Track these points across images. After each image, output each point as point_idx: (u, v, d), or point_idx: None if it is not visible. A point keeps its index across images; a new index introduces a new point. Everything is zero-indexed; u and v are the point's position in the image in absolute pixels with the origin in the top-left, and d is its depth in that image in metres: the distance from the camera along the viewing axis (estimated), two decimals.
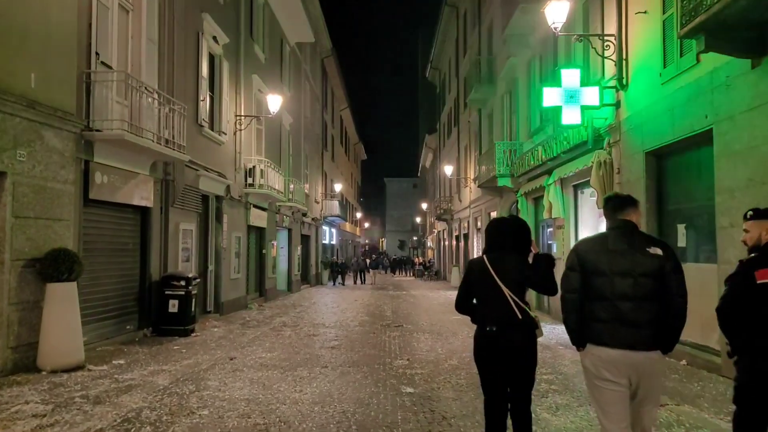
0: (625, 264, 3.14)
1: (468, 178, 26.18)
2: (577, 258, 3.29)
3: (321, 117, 31.90)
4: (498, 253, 3.69)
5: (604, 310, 3.15)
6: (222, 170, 14.26)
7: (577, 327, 3.27)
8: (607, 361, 3.12)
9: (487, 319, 3.65)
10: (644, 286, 3.11)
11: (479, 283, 3.71)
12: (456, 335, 10.95)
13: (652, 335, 3.11)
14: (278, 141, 20.80)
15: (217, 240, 14.17)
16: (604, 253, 3.21)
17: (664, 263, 3.13)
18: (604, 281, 3.17)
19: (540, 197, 14.76)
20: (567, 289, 3.30)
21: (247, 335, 10.81)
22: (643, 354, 3.10)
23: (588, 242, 3.42)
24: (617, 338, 3.10)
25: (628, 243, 3.19)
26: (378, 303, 18.79)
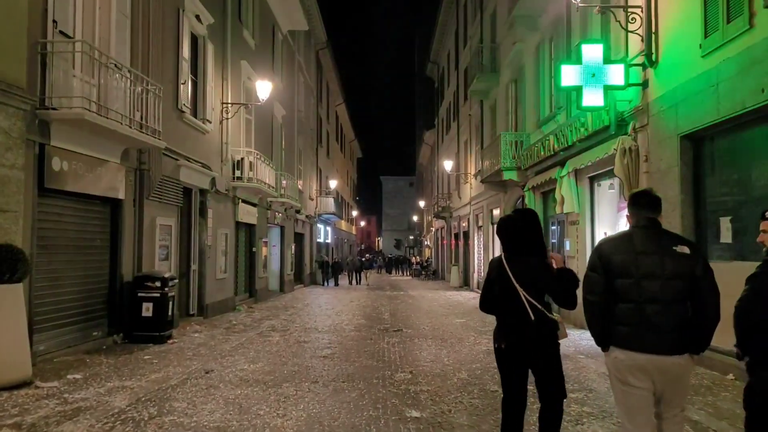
0: (653, 266, 3.02)
1: (468, 173, 25.13)
2: (600, 259, 3.15)
3: (316, 111, 30.80)
4: (515, 254, 3.57)
5: (629, 313, 3.04)
6: (206, 161, 13.16)
7: (601, 329, 3.16)
8: (632, 365, 3.02)
9: (503, 319, 3.63)
10: (673, 288, 3.00)
11: (495, 283, 3.63)
12: (462, 342, 9.89)
13: (680, 339, 3.00)
14: (269, 133, 19.71)
15: (201, 237, 13.07)
16: (631, 254, 3.07)
17: (693, 263, 3.02)
18: (630, 283, 3.04)
19: (550, 191, 13.71)
20: (590, 291, 3.18)
21: (231, 342, 9.72)
22: (671, 359, 2.99)
23: (612, 242, 3.24)
24: (644, 342, 2.99)
25: (656, 243, 3.07)
26: (375, 304, 17.72)
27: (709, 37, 7.06)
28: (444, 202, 32.78)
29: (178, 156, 11.43)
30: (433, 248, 44.21)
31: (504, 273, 3.51)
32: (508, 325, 3.56)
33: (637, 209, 3.21)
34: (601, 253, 3.16)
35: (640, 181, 8.70)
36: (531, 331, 3.45)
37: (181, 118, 11.69)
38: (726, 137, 7.14)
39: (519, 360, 3.54)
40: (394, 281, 34.08)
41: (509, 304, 3.51)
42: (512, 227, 3.64)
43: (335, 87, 38.57)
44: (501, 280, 3.54)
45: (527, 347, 3.49)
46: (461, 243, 28.03)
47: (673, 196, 7.77)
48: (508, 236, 3.64)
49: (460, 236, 28.29)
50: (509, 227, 3.66)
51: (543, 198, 14.40)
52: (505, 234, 3.66)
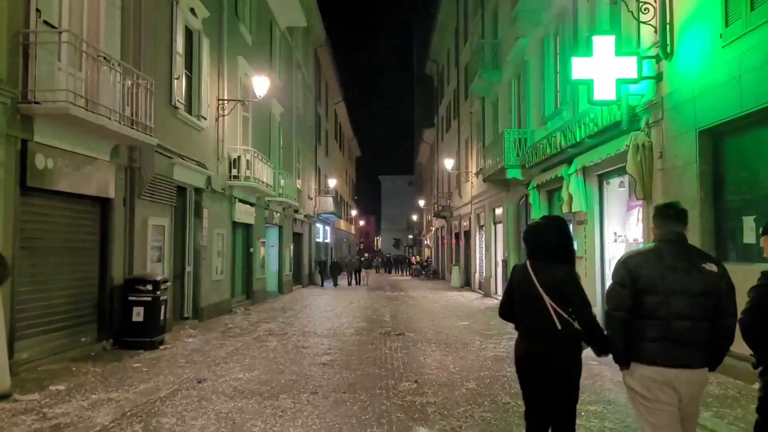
0: (682, 282, 2.95)
1: (469, 172, 24.75)
2: (629, 273, 3.02)
3: (314, 109, 30.39)
4: (541, 260, 3.39)
5: (656, 329, 2.96)
6: (202, 159, 12.75)
7: (624, 346, 3.06)
8: (661, 381, 2.95)
9: (526, 328, 3.45)
10: (701, 305, 2.95)
11: (519, 290, 3.44)
12: (467, 347, 9.49)
13: (705, 354, 3.00)
14: (267, 131, 19.29)
15: (196, 237, 12.66)
16: (660, 270, 2.98)
17: (718, 281, 2.98)
18: (658, 299, 2.96)
19: (556, 189, 13.33)
20: (616, 306, 3.07)
21: (226, 347, 9.32)
22: (698, 372, 2.99)
23: (640, 256, 3.11)
24: (672, 358, 2.94)
25: (685, 260, 3.00)
26: (375, 306, 17.32)
27: (731, 26, 6.67)
28: (444, 201, 32.40)
29: (172, 154, 11.02)
30: (432, 248, 43.85)
31: (529, 279, 3.35)
32: (532, 333, 3.38)
33: (664, 222, 3.12)
34: (630, 267, 3.05)
35: (654, 179, 8.31)
36: (556, 340, 3.27)
37: (175, 114, 11.28)
38: (750, 132, 6.75)
39: (541, 369, 3.32)
40: (394, 281, 33.70)
41: (533, 312, 3.34)
42: (540, 233, 3.50)
43: (334, 85, 38.18)
44: (525, 286, 3.39)
45: (551, 356, 3.28)
46: (462, 242, 27.65)
47: (691, 194, 7.38)
48: (535, 242, 3.49)
49: (461, 236, 27.91)
50: (537, 233, 3.52)
51: (548, 197, 14.01)
52: (533, 240, 3.51)
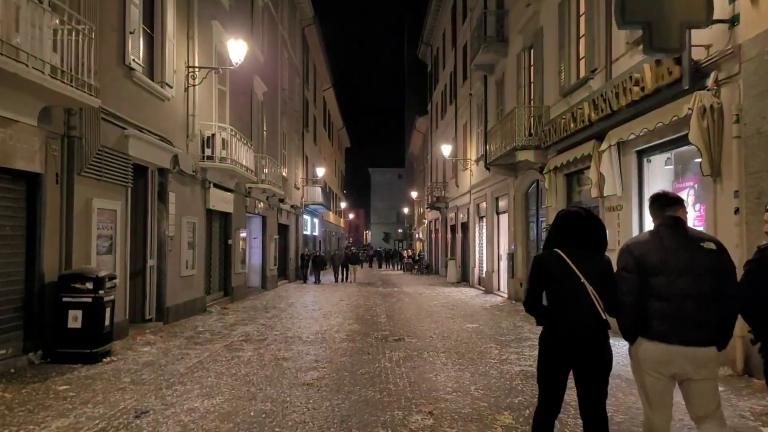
0: (684, 262, 3.07)
1: (468, 159, 23.02)
2: (633, 259, 3.16)
3: (302, 93, 28.49)
4: (577, 249, 3.26)
5: (663, 309, 3.07)
6: (167, 135, 10.88)
7: (633, 327, 3.19)
8: (667, 357, 3.07)
9: (566, 319, 3.21)
10: (705, 284, 3.05)
11: (557, 280, 3.24)
12: (484, 358, 7.77)
13: (711, 331, 3.06)
14: (248, 111, 17.41)
15: (160, 226, 10.81)
16: (661, 252, 3.10)
17: (719, 258, 3.09)
18: (663, 281, 3.07)
19: (578, 172, 11.64)
20: (625, 291, 3.17)
21: (188, 359, 7.52)
22: (704, 349, 3.05)
23: (641, 241, 3.25)
24: (679, 336, 3.04)
25: (684, 240, 3.13)
26: (368, 304, 15.57)
27: None
28: (439, 192, 30.66)
29: (126, 124, 9.16)
30: (425, 241, 42.16)
31: (568, 268, 3.21)
32: (575, 323, 3.19)
33: (660, 209, 3.26)
34: (633, 252, 3.17)
35: (726, 150, 6.62)
36: (600, 328, 3.20)
37: (130, 76, 9.39)
38: None
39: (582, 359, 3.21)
40: (385, 276, 31.95)
41: (575, 302, 3.21)
42: (578, 221, 3.35)
43: (323, 70, 36.27)
44: (564, 276, 3.22)
45: (597, 345, 3.20)
46: (459, 235, 25.96)
47: None
48: (572, 230, 3.33)
49: (457, 228, 26.22)
50: (575, 221, 3.35)
51: (566, 181, 12.31)
52: (570, 228, 3.34)
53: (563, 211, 3.49)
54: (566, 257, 3.23)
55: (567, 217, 3.41)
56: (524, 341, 9.08)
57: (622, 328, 3.24)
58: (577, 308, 3.20)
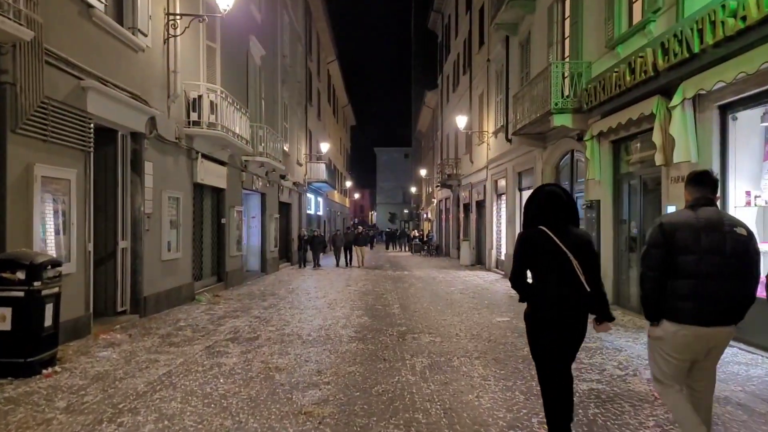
0: (715, 243, 3.10)
1: (485, 132, 21.16)
2: (663, 235, 3.18)
3: (304, 63, 26.56)
4: (559, 226, 3.37)
5: (690, 288, 3.11)
6: (141, 92, 9.12)
7: (656, 304, 3.22)
8: (692, 341, 3.14)
9: (553, 295, 3.34)
10: (732, 266, 3.08)
11: (544, 257, 3.35)
12: (531, 366, 6.07)
13: (734, 312, 3.14)
14: (244, 74, 15.59)
15: (134, 201, 9.11)
16: (695, 231, 3.13)
17: (747, 244, 3.14)
18: (693, 260, 3.10)
19: (629, 137, 9.84)
20: (650, 266, 3.22)
21: (153, 370, 5.86)
22: (726, 329, 3.15)
23: (676, 218, 3.27)
24: (703, 316, 3.08)
25: (718, 222, 3.16)
26: (377, 290, 13.90)
27: None
28: (451, 169, 28.79)
29: (84, 74, 7.41)
30: (435, 221, 40.39)
31: (555, 245, 3.30)
32: (563, 299, 3.31)
33: (699, 188, 3.28)
34: (666, 229, 3.19)
35: None
36: (585, 302, 3.35)
37: (89, 16, 7.60)
38: None
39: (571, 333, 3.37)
40: (393, 258, 30.27)
41: (562, 278, 3.32)
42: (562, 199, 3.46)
43: (326, 41, 34.20)
44: (551, 252, 3.30)
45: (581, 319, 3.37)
46: (473, 215, 24.19)
47: None
48: (553, 208, 3.41)
49: (471, 207, 24.44)
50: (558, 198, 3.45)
51: (613, 149, 10.50)
52: (551, 206, 3.42)
53: (541, 190, 3.55)
54: (552, 234, 3.32)
55: (548, 195, 3.49)
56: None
57: (644, 302, 3.29)
58: (564, 283, 3.32)
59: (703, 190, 3.27)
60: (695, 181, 3.32)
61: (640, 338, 7.51)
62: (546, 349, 3.41)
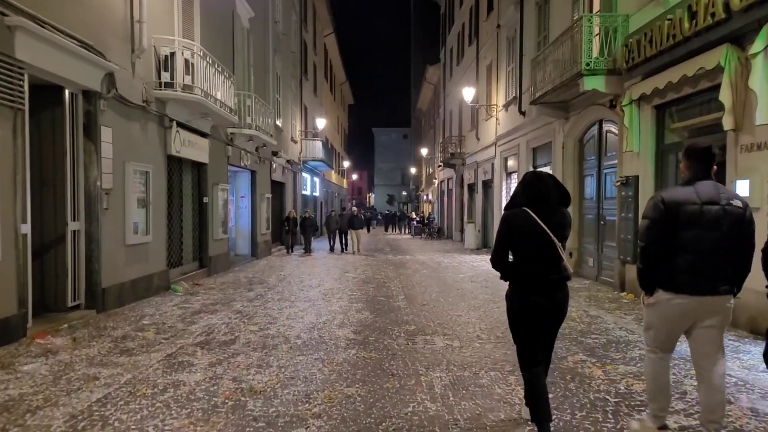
0: (714, 217, 3.16)
1: (494, 105, 19.58)
2: (666, 210, 3.22)
3: (299, 33, 24.83)
4: (544, 207, 3.38)
5: (690, 261, 3.18)
6: (95, 42, 7.54)
7: (652, 277, 3.32)
8: (688, 309, 3.23)
9: (537, 276, 3.38)
10: (729, 239, 3.17)
11: (527, 238, 3.36)
12: (586, 383, 4.62)
13: (730, 282, 3.23)
14: (229, 36, 13.95)
15: (88, 174, 7.58)
16: (696, 206, 3.18)
17: (742, 216, 3.20)
18: (694, 234, 3.17)
19: (680, 100, 8.30)
20: (651, 240, 3.28)
21: (86, 394, 4.39)
22: (722, 298, 3.22)
23: (677, 194, 3.28)
24: (701, 286, 3.17)
25: (717, 197, 3.20)
26: (378, 277, 12.46)
27: None
28: (454, 147, 27.20)
29: (11, 9, 5.83)
30: (436, 203, 38.87)
31: (537, 226, 3.32)
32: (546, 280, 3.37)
33: (697, 162, 3.30)
34: (668, 204, 3.22)
35: None
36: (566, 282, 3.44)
37: None
38: None
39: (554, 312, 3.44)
40: (393, 241, 28.81)
41: (545, 259, 3.35)
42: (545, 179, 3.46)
43: (323, 13, 32.33)
44: (535, 233, 3.32)
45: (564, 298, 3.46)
46: (478, 195, 22.69)
47: None
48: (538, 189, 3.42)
49: (477, 187, 22.93)
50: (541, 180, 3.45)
51: (656, 115, 8.98)
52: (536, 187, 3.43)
53: (530, 172, 3.57)
54: (534, 215, 3.33)
55: (532, 176, 3.51)
56: (626, 347, 5.94)
57: (641, 275, 3.36)
58: (545, 263, 3.36)
59: (704, 164, 3.29)
60: (696, 157, 3.33)
61: None
62: (527, 329, 3.48)
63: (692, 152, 3.34)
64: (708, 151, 3.30)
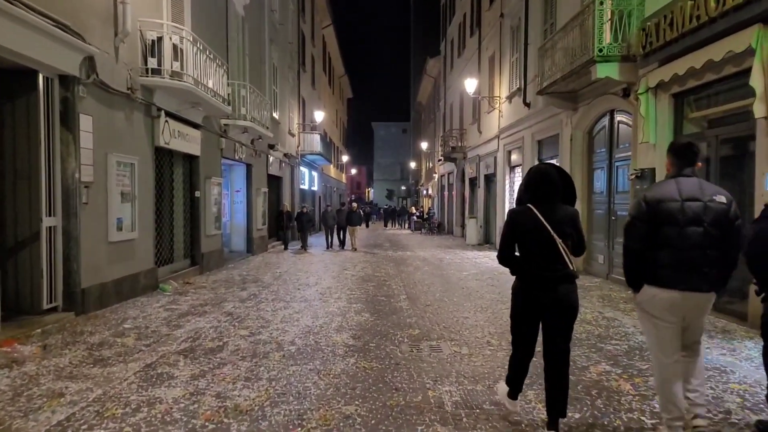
0: (696, 213, 3.18)
1: (497, 98, 18.99)
2: (647, 208, 3.24)
3: (297, 23, 24.20)
4: (548, 204, 3.40)
5: (671, 257, 3.19)
6: (73, 22, 6.96)
7: (637, 273, 3.33)
8: (673, 303, 3.22)
9: (540, 272, 3.38)
10: (712, 236, 3.17)
11: (529, 235, 3.38)
12: (614, 401, 4.09)
13: (713, 278, 3.21)
14: (222, 23, 13.35)
15: (65, 166, 7.02)
16: (677, 203, 3.20)
17: (726, 212, 3.20)
18: (675, 230, 3.19)
19: (701, 87, 7.73)
20: (634, 238, 3.29)
21: (45, 416, 3.85)
22: (706, 295, 3.23)
23: (658, 191, 3.29)
24: (684, 282, 3.18)
25: (700, 192, 3.21)
26: (378, 275, 11.92)
27: None
28: (455, 141, 26.62)
29: None
30: (436, 198, 38.31)
31: (540, 223, 3.33)
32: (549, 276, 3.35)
33: (680, 160, 3.32)
34: (649, 202, 3.24)
35: None
36: (570, 278, 3.38)
37: None
38: None
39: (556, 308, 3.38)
40: (393, 236, 28.25)
41: (547, 255, 3.35)
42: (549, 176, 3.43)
43: (322, 4, 31.71)
44: (537, 230, 3.34)
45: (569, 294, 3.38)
46: (480, 190, 22.14)
47: None
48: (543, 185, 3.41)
49: (479, 182, 22.37)
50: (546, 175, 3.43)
51: (674, 104, 8.42)
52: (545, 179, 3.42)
53: (534, 167, 3.54)
54: (538, 212, 3.35)
55: (536, 173, 3.48)
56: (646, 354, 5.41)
57: (627, 274, 3.39)
58: (547, 259, 3.35)
59: (686, 160, 3.31)
60: (679, 153, 3.35)
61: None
62: (521, 324, 3.52)
63: (676, 149, 3.38)
64: (690, 147, 3.33)
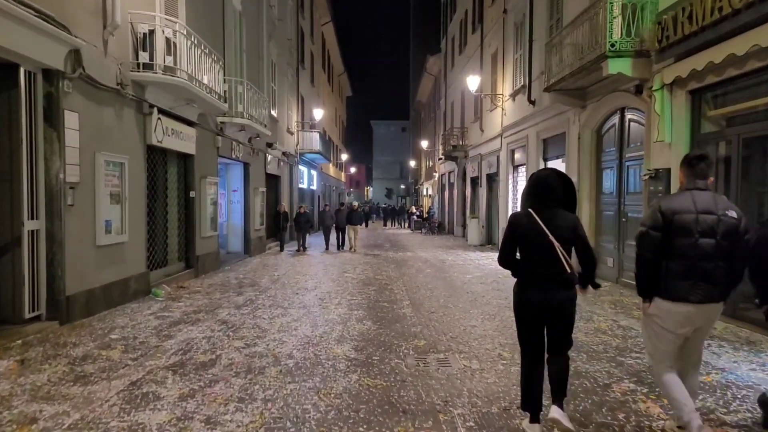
0: (710, 226, 3.23)
1: (500, 95, 18.59)
2: (663, 218, 3.28)
3: (296, 19, 23.78)
4: (548, 209, 3.47)
5: (685, 268, 3.25)
6: (57, 12, 6.54)
7: (649, 283, 3.37)
8: (687, 317, 3.28)
9: (538, 276, 3.47)
10: (723, 248, 3.23)
11: (528, 239, 3.47)
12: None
13: (722, 289, 3.28)
14: (219, 18, 12.94)
15: (49, 165, 6.61)
16: (692, 215, 3.25)
17: (738, 225, 3.26)
18: (689, 241, 3.24)
19: (720, 83, 7.33)
20: (648, 248, 3.32)
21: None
22: (716, 305, 3.30)
23: (674, 202, 3.34)
24: (696, 294, 3.23)
25: (713, 206, 3.26)
26: (379, 278, 11.52)
27: None
28: (456, 139, 26.21)
29: None
30: (436, 197, 37.90)
31: (539, 227, 3.40)
32: (547, 280, 3.43)
33: (694, 171, 3.37)
34: (665, 213, 3.29)
35: None
36: (568, 283, 3.42)
37: None
38: None
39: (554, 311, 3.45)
40: (393, 236, 27.83)
41: (545, 259, 3.41)
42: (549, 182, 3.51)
43: (321, 0, 31.23)
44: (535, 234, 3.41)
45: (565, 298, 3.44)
46: (482, 190, 21.74)
47: None
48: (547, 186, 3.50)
49: (480, 181, 21.98)
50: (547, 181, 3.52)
51: (691, 101, 8.03)
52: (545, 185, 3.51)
53: (536, 173, 3.61)
54: (537, 217, 3.42)
55: (537, 178, 3.57)
56: None
57: (639, 282, 3.43)
58: (544, 263, 3.41)
59: (700, 174, 3.35)
60: (693, 165, 3.38)
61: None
62: (524, 326, 3.58)
63: (690, 161, 3.42)
64: (704, 159, 3.36)
